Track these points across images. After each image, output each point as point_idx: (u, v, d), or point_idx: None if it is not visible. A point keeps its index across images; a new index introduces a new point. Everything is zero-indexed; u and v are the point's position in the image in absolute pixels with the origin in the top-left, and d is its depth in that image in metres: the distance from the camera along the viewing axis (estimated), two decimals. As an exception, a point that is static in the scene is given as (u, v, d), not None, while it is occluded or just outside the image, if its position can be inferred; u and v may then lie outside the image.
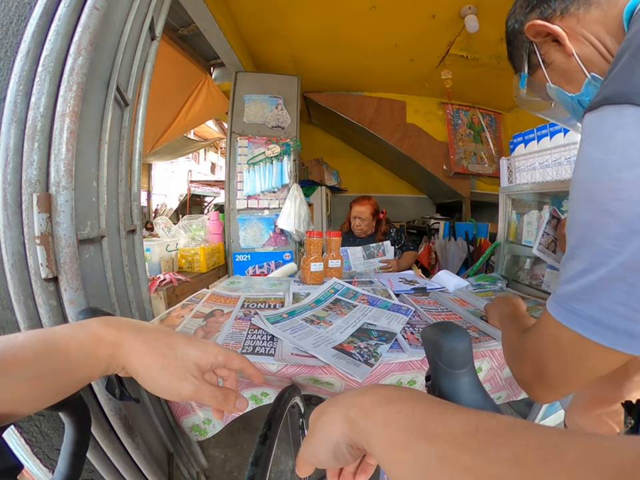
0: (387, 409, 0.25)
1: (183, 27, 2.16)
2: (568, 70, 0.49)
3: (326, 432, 0.28)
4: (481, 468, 0.17)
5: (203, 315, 0.85)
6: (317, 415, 0.31)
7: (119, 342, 0.33)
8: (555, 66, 0.50)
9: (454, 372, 0.31)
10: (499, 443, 0.18)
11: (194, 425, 0.74)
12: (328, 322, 0.81)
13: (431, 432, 0.21)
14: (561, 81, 0.51)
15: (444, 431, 0.21)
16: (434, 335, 0.32)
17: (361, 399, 0.28)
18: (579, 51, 0.46)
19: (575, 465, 0.15)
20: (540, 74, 0.53)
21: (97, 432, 0.53)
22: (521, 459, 0.16)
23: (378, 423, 0.24)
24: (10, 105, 0.46)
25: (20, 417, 0.29)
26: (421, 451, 0.20)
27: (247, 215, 2.33)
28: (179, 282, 1.48)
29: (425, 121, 3.17)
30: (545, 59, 0.51)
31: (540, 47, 0.51)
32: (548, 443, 0.17)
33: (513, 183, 1.31)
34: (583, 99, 0.49)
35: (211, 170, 12.36)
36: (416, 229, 3.47)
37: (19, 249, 0.48)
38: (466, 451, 0.18)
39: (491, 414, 0.21)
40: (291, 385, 0.66)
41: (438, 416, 0.22)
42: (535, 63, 0.53)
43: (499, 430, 0.19)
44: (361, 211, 1.89)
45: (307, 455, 0.30)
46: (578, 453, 0.15)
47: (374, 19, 1.96)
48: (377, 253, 1.75)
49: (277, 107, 2.36)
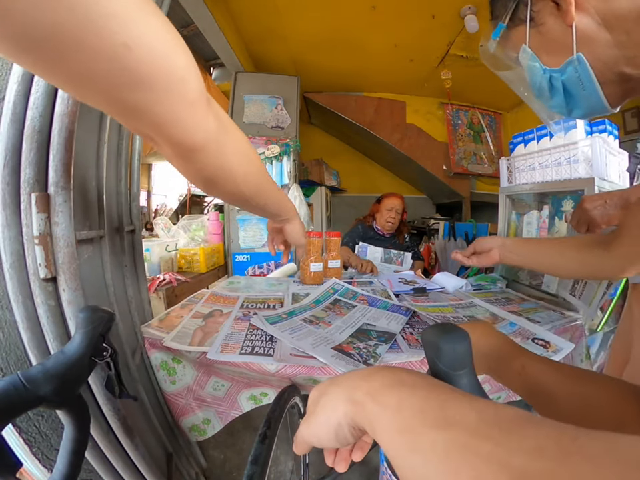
0: (399, 393, 0.24)
1: (183, 27, 2.16)
2: (556, 40, 0.42)
3: (327, 413, 0.28)
4: (503, 458, 0.17)
5: (202, 315, 0.85)
6: (317, 394, 0.31)
7: None
8: (543, 29, 0.43)
9: (454, 373, 0.31)
10: (520, 433, 0.18)
11: (193, 425, 0.74)
12: (327, 322, 0.81)
13: (447, 419, 0.20)
14: (541, 48, 0.44)
15: (462, 419, 0.20)
16: (433, 336, 0.32)
17: (368, 381, 0.27)
18: (581, 24, 0.39)
19: (597, 457, 0.15)
20: (521, 31, 0.45)
21: (96, 432, 0.53)
22: (544, 450, 0.16)
23: (388, 407, 0.23)
24: (8, 104, 0.46)
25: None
26: (437, 437, 0.20)
27: (247, 215, 2.33)
28: (178, 282, 1.48)
29: (424, 121, 3.17)
30: (535, 17, 0.43)
31: (535, 2, 0.43)
32: (568, 436, 0.16)
33: (512, 183, 1.31)
34: (556, 77, 0.44)
35: (211, 170, 12.34)
36: (416, 229, 3.46)
37: (18, 248, 0.48)
38: (487, 440, 0.18)
39: (502, 405, 0.21)
40: (291, 385, 0.66)
41: (454, 402, 0.22)
42: (520, 17, 0.45)
43: (516, 420, 0.19)
44: (397, 204, 1.86)
45: (307, 434, 0.30)
46: (599, 446, 0.15)
47: (374, 19, 1.96)
48: (395, 261, 1.74)
49: (277, 107, 2.36)
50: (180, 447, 0.85)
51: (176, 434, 0.82)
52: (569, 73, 0.42)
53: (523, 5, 0.44)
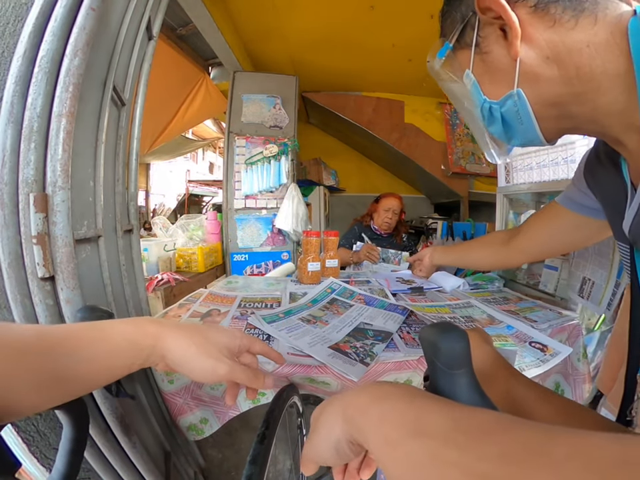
0: (381, 407, 0.25)
1: (181, 27, 2.15)
2: (500, 70, 0.39)
3: (327, 430, 0.29)
4: (468, 465, 0.17)
5: (200, 315, 0.86)
6: (317, 413, 0.31)
7: (160, 335, 0.36)
8: (487, 58, 0.40)
9: (452, 372, 0.31)
10: (486, 439, 0.18)
11: (191, 425, 0.74)
12: (324, 321, 0.81)
13: (421, 429, 0.21)
14: (485, 75, 0.41)
15: (434, 428, 0.21)
16: (432, 335, 0.32)
17: (356, 398, 0.28)
18: (526, 58, 0.36)
19: (562, 461, 0.15)
20: (466, 55, 0.42)
21: (94, 431, 0.53)
22: (508, 455, 0.16)
23: (373, 420, 0.24)
24: (6, 105, 0.47)
25: (78, 395, 0.33)
26: (411, 447, 0.20)
27: (245, 215, 2.33)
28: (176, 282, 1.48)
29: (423, 120, 3.17)
30: (481, 43, 0.40)
31: (482, 27, 0.39)
32: (534, 439, 0.17)
33: (510, 182, 1.32)
34: (495, 108, 0.41)
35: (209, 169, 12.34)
36: (414, 228, 3.46)
37: (16, 248, 0.48)
38: (454, 448, 0.18)
39: (480, 409, 0.21)
40: (289, 384, 0.67)
41: (429, 413, 0.22)
42: (466, 40, 0.41)
43: (486, 426, 0.19)
44: (395, 204, 1.87)
45: (311, 453, 0.30)
46: (564, 449, 0.15)
47: (372, 19, 1.96)
48: (393, 260, 1.74)
49: (275, 106, 2.36)
50: (178, 445, 0.85)
51: (174, 433, 0.82)
52: (508, 106, 0.39)
53: (470, 28, 0.40)
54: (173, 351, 0.36)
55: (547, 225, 0.75)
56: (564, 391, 0.86)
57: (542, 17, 0.35)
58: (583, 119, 0.38)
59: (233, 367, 0.38)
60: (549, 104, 0.38)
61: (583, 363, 0.85)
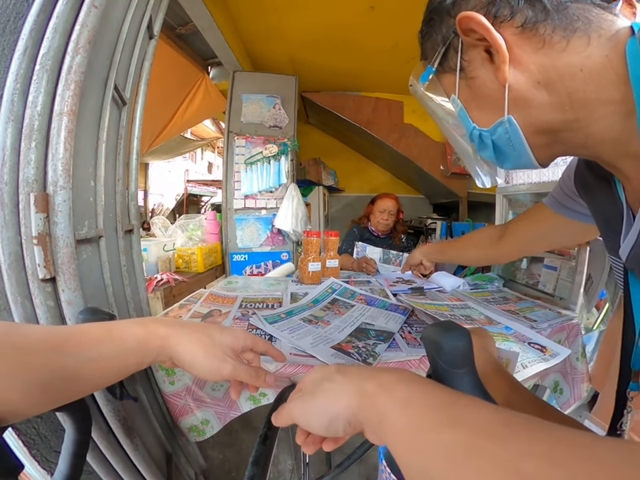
0: (410, 388, 0.24)
1: (181, 26, 2.15)
2: (488, 96, 0.36)
3: (328, 400, 0.27)
4: (512, 461, 0.16)
5: (201, 315, 0.85)
6: (319, 376, 0.30)
7: (168, 335, 0.38)
8: (473, 84, 0.37)
9: (455, 371, 0.31)
10: (532, 435, 0.17)
11: (192, 426, 0.73)
12: (326, 322, 0.81)
13: (457, 418, 0.20)
14: (472, 102, 0.38)
15: (472, 418, 0.19)
16: (435, 334, 0.32)
17: (379, 373, 0.26)
18: (516, 84, 0.33)
19: (615, 467, 0.14)
20: (450, 80, 0.39)
21: (96, 433, 0.53)
22: (556, 455, 0.15)
23: (398, 400, 0.23)
24: (7, 103, 0.46)
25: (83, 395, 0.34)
26: (445, 436, 0.19)
27: (245, 215, 2.32)
28: (176, 282, 1.47)
29: (422, 121, 3.17)
30: (466, 68, 0.36)
31: (465, 50, 0.36)
32: (581, 442, 0.15)
33: (509, 183, 1.32)
34: (486, 135, 0.38)
35: (208, 169, 12.31)
36: (413, 228, 3.47)
37: (16, 249, 0.47)
38: (495, 441, 0.17)
39: (516, 412, 0.20)
40: (291, 384, 0.66)
41: (464, 402, 0.21)
42: (450, 65, 0.38)
43: (529, 423, 0.18)
44: (391, 205, 1.87)
45: (297, 412, 0.29)
46: (615, 455, 0.14)
47: (372, 19, 1.96)
48: (394, 262, 1.74)
49: (275, 106, 2.36)
50: (179, 447, 0.85)
51: (175, 434, 0.82)
52: (499, 133, 0.37)
53: (453, 51, 0.37)
54: (181, 354, 0.38)
55: (535, 228, 0.75)
56: (563, 390, 0.86)
57: (530, 37, 0.32)
58: (575, 144, 0.36)
59: (236, 366, 0.40)
60: (540, 131, 0.35)
61: (581, 362, 0.86)
